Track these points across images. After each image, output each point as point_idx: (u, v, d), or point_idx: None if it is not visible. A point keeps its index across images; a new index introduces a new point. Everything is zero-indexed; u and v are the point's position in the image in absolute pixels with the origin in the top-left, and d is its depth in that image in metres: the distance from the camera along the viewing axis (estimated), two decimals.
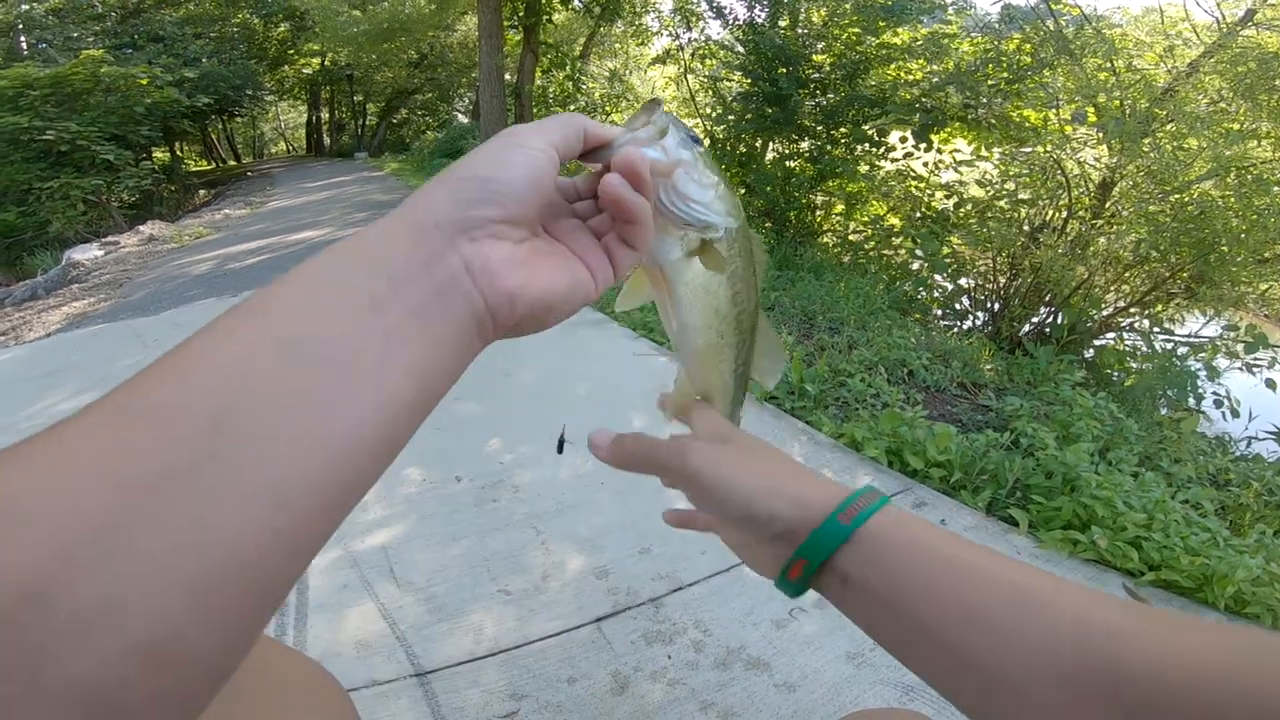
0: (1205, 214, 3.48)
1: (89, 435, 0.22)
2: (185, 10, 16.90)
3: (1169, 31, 4.43)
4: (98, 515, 0.20)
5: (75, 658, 0.19)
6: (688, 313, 0.41)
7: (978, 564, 0.37)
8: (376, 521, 1.75)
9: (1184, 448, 2.51)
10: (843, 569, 0.40)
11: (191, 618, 0.21)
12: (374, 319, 0.26)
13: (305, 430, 0.24)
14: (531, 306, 0.31)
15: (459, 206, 0.29)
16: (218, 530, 0.22)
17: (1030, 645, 0.33)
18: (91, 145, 9.43)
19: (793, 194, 5.37)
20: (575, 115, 0.35)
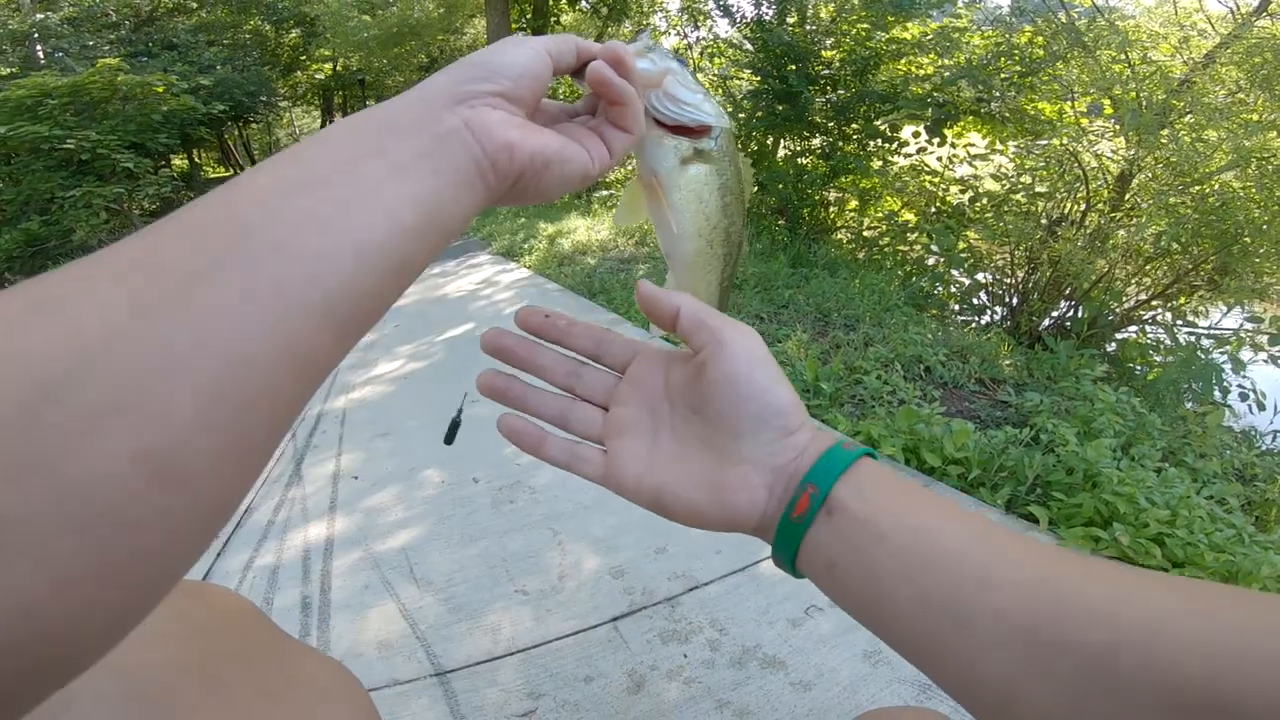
0: (1227, 205, 3.42)
1: (120, 249, 0.23)
2: (197, 18, 17.09)
3: (1183, 23, 4.35)
4: (118, 312, 0.21)
5: (83, 459, 0.19)
6: (681, 219, 0.43)
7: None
8: (396, 523, 1.76)
9: (1209, 442, 2.47)
10: (836, 500, 0.36)
11: (199, 426, 0.21)
12: (378, 158, 0.29)
13: (316, 245, 0.25)
14: (530, 157, 0.34)
15: (458, 84, 0.32)
16: (227, 333, 0.22)
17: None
18: (111, 153, 9.54)
19: (805, 191, 5.34)
20: (571, 35, 0.38)
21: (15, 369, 0.19)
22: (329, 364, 0.27)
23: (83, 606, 0.19)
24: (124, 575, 0.20)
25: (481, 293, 4.16)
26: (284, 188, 0.26)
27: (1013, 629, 0.29)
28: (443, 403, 2.48)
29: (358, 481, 1.99)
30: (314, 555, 1.65)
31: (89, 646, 0.21)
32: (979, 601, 0.31)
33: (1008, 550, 0.32)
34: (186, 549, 0.23)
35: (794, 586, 1.49)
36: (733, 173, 0.44)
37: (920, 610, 0.32)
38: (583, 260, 4.81)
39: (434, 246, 0.30)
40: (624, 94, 0.37)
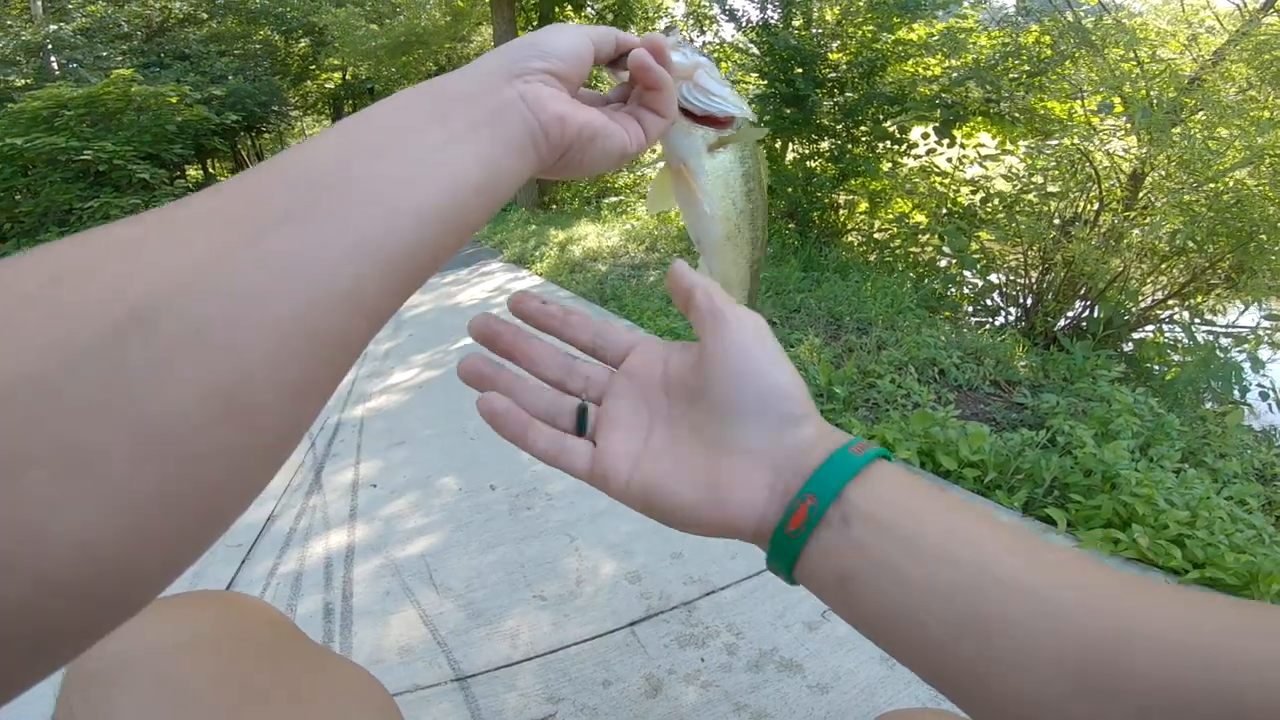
0: (1242, 203, 3.39)
1: (197, 200, 0.25)
2: (208, 28, 17.28)
3: (1190, 20, 4.32)
4: (199, 251, 0.22)
5: (161, 392, 0.20)
6: (712, 202, 0.45)
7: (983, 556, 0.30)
8: (415, 530, 1.78)
9: (1228, 442, 2.45)
10: (845, 509, 0.32)
11: (265, 361, 0.22)
12: (441, 125, 0.31)
13: (379, 198, 0.27)
14: (580, 129, 0.36)
15: (510, 61, 0.34)
16: (301, 277, 0.24)
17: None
18: (128, 164, 9.66)
19: (815, 194, 5.34)
20: (611, 27, 0.40)
21: (102, 301, 0.20)
22: (390, 309, 0.28)
23: (141, 539, 0.20)
24: (184, 508, 0.21)
25: (494, 301, 4.19)
26: (354, 148, 0.28)
27: (1074, 657, 0.26)
28: (456, 412, 2.51)
29: (376, 490, 2.01)
30: (335, 562, 1.67)
31: (144, 581, 0.21)
32: (1032, 625, 0.27)
33: (1059, 566, 0.29)
34: (247, 482, 0.23)
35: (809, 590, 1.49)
36: (754, 162, 0.47)
37: (957, 632, 0.28)
38: (593, 267, 4.84)
39: (492, 206, 0.33)
40: (662, 80, 0.39)
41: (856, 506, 0.32)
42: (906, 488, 0.33)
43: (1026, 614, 0.27)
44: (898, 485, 0.33)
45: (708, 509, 0.36)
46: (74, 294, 0.20)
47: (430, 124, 0.30)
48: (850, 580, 0.32)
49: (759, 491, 0.35)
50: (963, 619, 0.28)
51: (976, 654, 0.28)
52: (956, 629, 0.28)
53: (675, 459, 0.38)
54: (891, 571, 0.30)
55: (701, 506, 0.36)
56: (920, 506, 0.32)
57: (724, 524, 0.36)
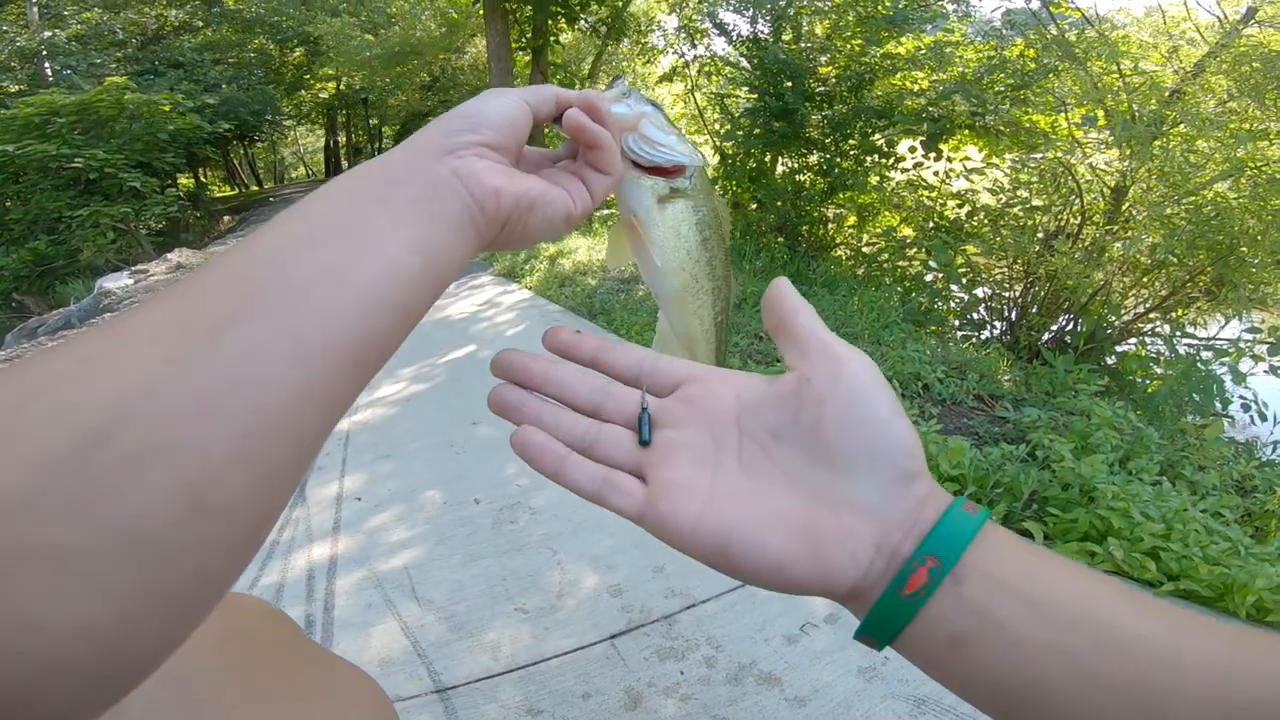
0: (1221, 216, 3.44)
1: (149, 309, 0.26)
2: (203, 36, 17.25)
3: (1172, 32, 4.39)
4: (154, 364, 0.23)
5: (132, 496, 0.21)
6: (662, 255, 0.44)
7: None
8: (399, 543, 1.79)
9: (1207, 455, 2.48)
10: (959, 569, 0.30)
11: (231, 460, 0.23)
12: (378, 208, 0.31)
13: (322, 295, 0.27)
14: (516, 200, 0.35)
15: (445, 136, 0.34)
16: (252, 378, 0.24)
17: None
18: (119, 173, 9.58)
19: (804, 208, 5.39)
20: (549, 84, 0.40)
21: (66, 417, 0.21)
22: (347, 400, 0.29)
23: (133, 625, 0.22)
24: (168, 596, 0.22)
25: (484, 314, 4.20)
26: (296, 243, 0.29)
27: (1210, 712, 0.25)
28: (444, 425, 2.51)
29: (361, 503, 2.01)
30: (318, 574, 1.68)
31: (139, 662, 0.23)
32: (1167, 681, 0.26)
33: (1180, 621, 0.28)
34: (223, 571, 0.25)
35: (789, 604, 1.50)
36: (709, 209, 0.45)
37: (1086, 692, 0.27)
38: (583, 281, 4.85)
39: (434, 290, 0.32)
40: (599, 138, 0.38)
41: (973, 567, 0.30)
42: (1018, 546, 0.31)
43: (1157, 675, 0.26)
44: (1009, 544, 0.31)
45: (804, 565, 0.32)
46: (41, 412, 0.21)
47: (370, 207, 0.31)
48: (964, 644, 0.29)
49: (864, 548, 0.31)
50: (1088, 681, 0.27)
51: (1102, 715, 0.27)
52: (1079, 692, 0.27)
53: (759, 504, 0.33)
54: (1010, 633, 0.28)
55: (797, 562, 0.32)
56: (1035, 566, 0.30)
57: (821, 581, 0.32)
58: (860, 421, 0.32)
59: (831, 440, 0.33)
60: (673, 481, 0.34)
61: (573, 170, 0.40)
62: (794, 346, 0.36)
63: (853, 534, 0.31)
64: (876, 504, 0.32)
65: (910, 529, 0.31)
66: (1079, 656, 0.27)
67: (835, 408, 0.33)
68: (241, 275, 0.27)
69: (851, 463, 0.32)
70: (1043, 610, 0.29)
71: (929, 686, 1.28)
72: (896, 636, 0.31)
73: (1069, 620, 0.28)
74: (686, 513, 0.33)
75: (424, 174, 0.33)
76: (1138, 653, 0.27)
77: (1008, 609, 0.29)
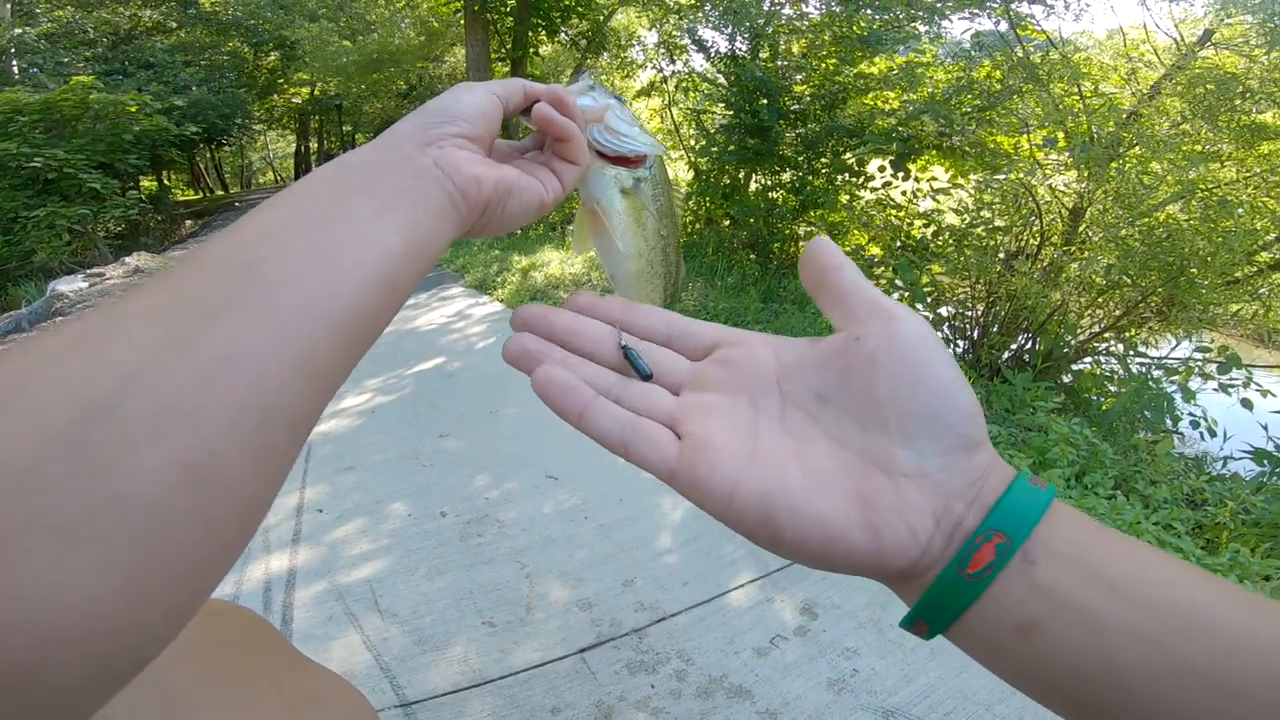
0: (1172, 237, 3.57)
1: (145, 292, 0.26)
2: (176, 37, 16.90)
3: (1131, 55, 4.56)
4: (151, 342, 0.24)
5: (131, 470, 0.21)
6: (624, 241, 0.46)
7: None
8: (361, 556, 1.75)
9: (1159, 469, 2.56)
10: (1030, 547, 0.28)
11: (229, 434, 0.24)
12: (364, 196, 0.32)
13: (315, 273, 0.28)
14: (495, 186, 0.36)
15: (422, 128, 0.35)
16: (248, 352, 0.25)
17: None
18: (78, 173, 9.32)
19: (776, 225, 5.46)
20: (517, 78, 0.41)
21: (64, 393, 0.21)
22: (341, 375, 0.29)
23: (139, 601, 0.22)
24: (173, 572, 0.22)
25: (453, 326, 4.16)
26: (286, 226, 0.29)
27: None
28: (411, 437, 2.48)
29: (322, 514, 1.97)
30: (275, 587, 1.63)
31: (146, 639, 0.23)
32: (1252, 667, 0.25)
33: (1260, 605, 0.26)
34: (226, 546, 0.25)
35: (759, 616, 1.51)
36: (666, 198, 0.48)
37: (1172, 679, 0.25)
38: (555, 294, 4.84)
39: (419, 270, 0.33)
40: (567, 130, 0.40)
41: (1046, 545, 0.27)
42: (1089, 524, 0.29)
43: (1243, 661, 0.25)
44: (1080, 521, 0.29)
45: (859, 536, 0.29)
46: (38, 389, 0.22)
47: (356, 195, 0.32)
48: (1034, 630, 0.27)
49: (925, 523, 0.29)
50: (1174, 668, 0.25)
51: (1182, 704, 0.25)
52: (1165, 680, 0.25)
53: (807, 466, 0.30)
54: (1090, 618, 0.26)
55: (851, 531, 0.29)
56: (1111, 546, 0.28)
57: (873, 557, 0.29)
58: (918, 383, 0.30)
59: (885, 403, 0.30)
60: (710, 439, 0.32)
61: (542, 161, 0.42)
62: (838, 305, 0.33)
63: (912, 505, 0.29)
64: (936, 473, 0.29)
65: (972, 502, 0.29)
66: (1164, 643, 0.25)
67: (889, 369, 0.30)
68: (234, 255, 0.28)
69: (909, 428, 0.29)
70: (1124, 593, 0.26)
71: (898, 698, 1.29)
72: (955, 622, 0.28)
73: (1152, 604, 0.26)
74: (725, 472, 0.30)
75: (407, 164, 0.34)
76: (1223, 638, 0.25)
77: (1087, 592, 0.27)
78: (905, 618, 0.30)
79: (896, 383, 0.30)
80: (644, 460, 0.32)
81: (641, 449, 0.32)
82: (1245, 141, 3.82)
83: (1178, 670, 0.25)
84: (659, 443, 0.32)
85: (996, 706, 1.27)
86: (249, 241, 0.28)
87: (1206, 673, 0.25)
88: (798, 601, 1.55)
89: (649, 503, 1.96)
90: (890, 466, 0.29)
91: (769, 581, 1.62)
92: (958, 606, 0.28)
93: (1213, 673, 0.25)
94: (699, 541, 1.78)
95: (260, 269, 0.27)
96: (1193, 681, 0.25)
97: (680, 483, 0.32)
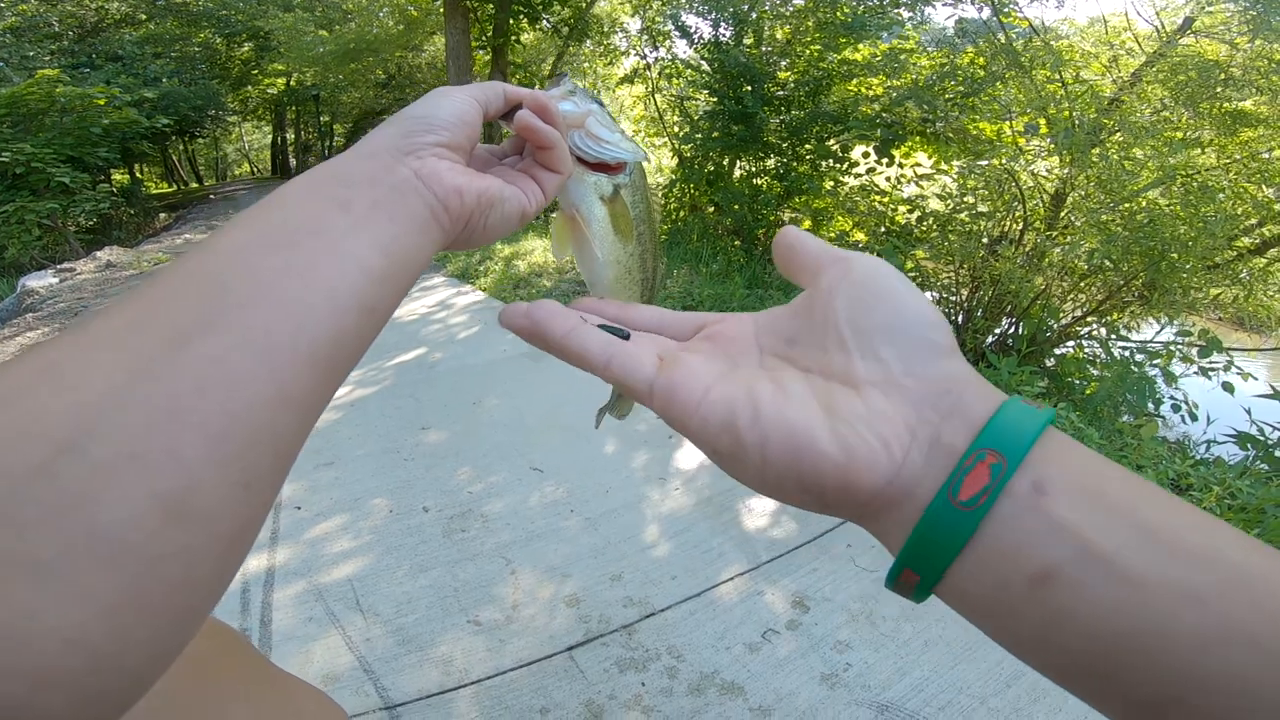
0: (1154, 222, 3.59)
1: (113, 313, 0.25)
2: (145, 29, 16.54)
3: (1112, 42, 4.58)
4: (120, 372, 0.23)
5: (107, 505, 0.21)
6: (603, 248, 0.46)
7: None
8: (342, 554, 1.71)
9: (1145, 454, 2.57)
10: (1039, 475, 0.24)
11: (207, 466, 0.23)
12: (341, 211, 0.30)
13: (289, 293, 0.27)
14: (478, 197, 0.35)
15: (401, 137, 0.34)
16: (223, 382, 0.24)
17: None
18: (47, 168, 9.15)
19: (760, 211, 5.43)
20: (497, 81, 0.40)
21: (31, 429, 0.21)
22: (321, 401, 0.28)
23: (123, 636, 0.21)
24: (157, 605, 0.22)
25: (435, 316, 4.09)
26: (259, 243, 0.28)
27: None
28: (391, 431, 2.42)
29: (300, 512, 1.92)
30: (253, 587, 1.58)
31: (132, 675, 0.22)
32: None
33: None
34: (210, 579, 0.24)
35: (750, 610, 1.48)
36: (645, 204, 0.48)
37: (1219, 646, 0.21)
38: (539, 282, 4.79)
39: (401, 287, 0.32)
40: (550, 139, 0.39)
41: (1059, 474, 0.23)
42: (1101, 459, 0.25)
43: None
44: (1093, 456, 0.25)
45: (826, 443, 0.26)
46: (4, 426, 0.21)
47: (332, 210, 0.30)
48: (1051, 581, 0.22)
49: (896, 431, 0.26)
50: (1221, 632, 0.21)
51: (1233, 671, 0.21)
52: (1212, 646, 0.21)
53: (776, 383, 0.29)
54: (1119, 569, 0.22)
55: (818, 438, 0.26)
56: (1133, 484, 0.24)
57: (842, 470, 0.25)
58: (873, 298, 0.29)
59: (846, 326, 0.29)
60: (687, 360, 0.32)
61: (523, 168, 0.41)
62: (805, 271, 0.34)
63: (880, 413, 0.26)
64: (901, 378, 0.27)
65: (950, 413, 0.25)
66: (1210, 602, 0.21)
67: (846, 295, 0.30)
68: (205, 276, 0.26)
69: (869, 341, 0.28)
70: (1162, 541, 0.22)
71: (892, 692, 1.27)
72: (949, 568, 0.24)
73: (1191, 555, 0.22)
74: (697, 382, 0.30)
75: (385, 175, 0.33)
76: (1270, 599, 0.21)
77: (1114, 536, 0.22)
78: (891, 568, 0.26)
79: (854, 305, 0.30)
80: (623, 372, 0.32)
81: (623, 362, 0.32)
82: (1226, 128, 3.85)
83: (1231, 637, 0.21)
84: (640, 359, 0.33)
85: (992, 699, 1.26)
86: (220, 260, 0.27)
87: (1262, 641, 0.21)
88: (789, 594, 1.53)
89: (636, 494, 1.93)
90: (853, 379, 0.28)
91: (759, 574, 1.60)
92: (952, 546, 0.24)
93: (1267, 641, 0.20)
94: (687, 534, 1.75)
95: (231, 290, 0.26)
96: (1248, 651, 0.21)
97: (656, 396, 0.31)
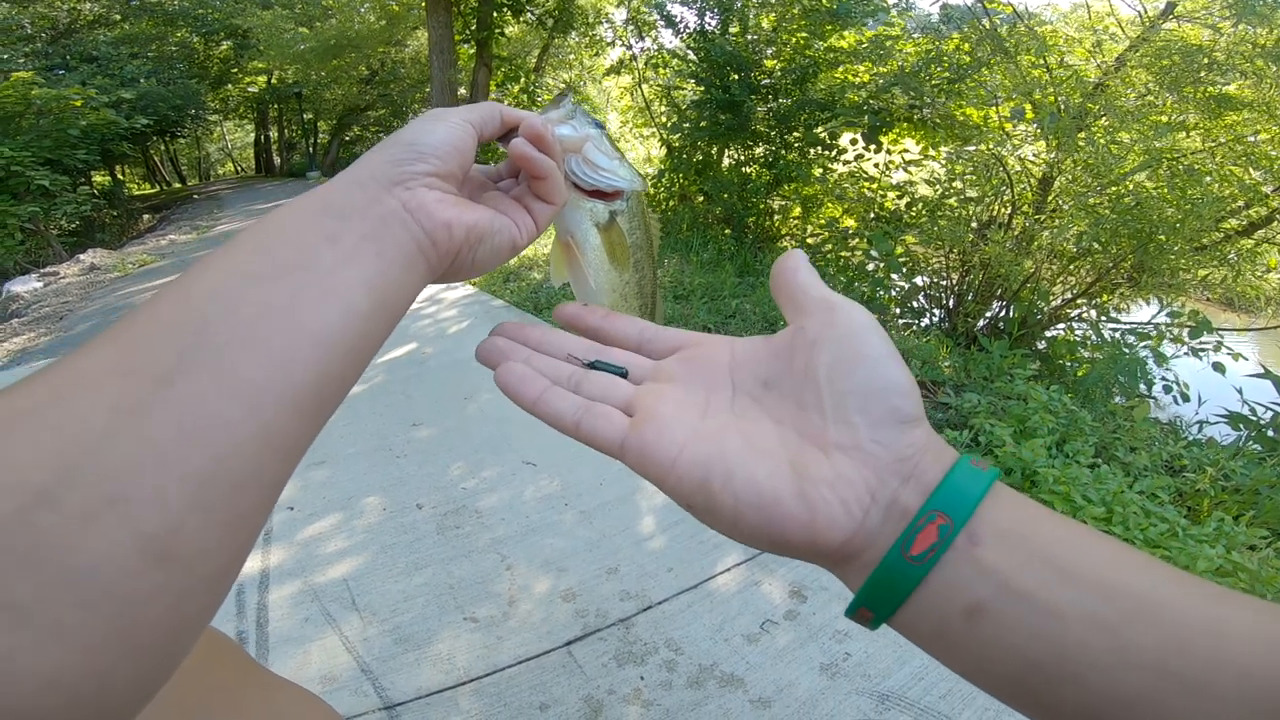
0: (1141, 205, 3.60)
1: (92, 353, 0.24)
2: (120, 30, 16.31)
3: (1096, 27, 4.59)
4: (99, 416, 0.22)
5: (87, 550, 0.20)
6: (596, 276, 0.45)
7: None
8: (336, 553, 1.69)
9: (1138, 435, 2.58)
10: (975, 528, 0.27)
11: (191, 509, 0.23)
12: (329, 246, 0.30)
13: (277, 336, 0.26)
14: (467, 232, 0.34)
15: (392, 165, 0.33)
16: (206, 425, 0.24)
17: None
18: (26, 171, 9.03)
19: (750, 200, 5.43)
20: (493, 102, 0.39)
21: (7, 479, 0.20)
22: (305, 441, 0.28)
23: (105, 676, 0.21)
24: (136, 646, 0.22)
25: (424, 310, 4.06)
26: (240, 281, 0.27)
27: (1261, 689, 0.23)
28: (382, 428, 2.40)
29: (294, 512, 1.90)
30: (248, 589, 1.57)
31: (112, 714, 0.22)
32: (1209, 655, 0.23)
33: (1215, 593, 0.25)
34: (192, 619, 0.24)
35: (747, 600, 1.48)
36: (642, 232, 0.46)
37: (1125, 669, 0.24)
38: (529, 275, 4.76)
39: (386, 327, 0.31)
40: (545, 169, 0.38)
41: (991, 526, 0.27)
42: (1034, 507, 0.28)
43: (1199, 649, 0.24)
44: (1024, 504, 0.28)
45: (792, 503, 0.29)
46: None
47: (317, 243, 0.29)
48: (981, 615, 0.26)
49: (858, 495, 0.28)
50: (1128, 657, 0.24)
51: (1142, 692, 0.24)
52: (1119, 669, 0.24)
53: (748, 439, 0.31)
54: (1038, 603, 0.25)
55: (785, 499, 0.29)
56: (1058, 529, 0.27)
57: (806, 528, 0.28)
58: (852, 360, 0.31)
59: (824, 383, 0.31)
60: (660, 413, 0.33)
61: (516, 196, 0.40)
62: (792, 304, 0.35)
63: (845, 478, 0.29)
64: (868, 445, 0.29)
65: (908, 479, 0.28)
66: (1116, 629, 0.24)
67: (827, 350, 0.31)
68: (186, 315, 0.26)
69: (843, 404, 0.30)
70: (1073, 577, 0.25)
71: (891, 681, 1.27)
72: (899, 608, 0.28)
73: (1103, 589, 0.25)
74: (670, 442, 0.32)
75: (373, 207, 0.32)
76: (1179, 627, 0.24)
77: (1034, 575, 0.26)
78: (850, 605, 0.29)
79: (834, 362, 0.31)
80: (594, 433, 0.34)
81: (593, 424, 0.34)
82: (1211, 112, 3.86)
83: (1136, 661, 0.24)
84: (610, 418, 0.34)
85: None
86: (203, 298, 0.26)
87: (1167, 665, 0.23)
88: (786, 584, 1.53)
89: (630, 486, 1.93)
90: (824, 441, 0.30)
91: (755, 564, 1.60)
92: (902, 591, 0.27)
93: (1173, 665, 0.23)
94: (683, 525, 1.74)
95: (213, 330, 0.25)
96: (1153, 675, 0.24)
97: (629, 454, 0.33)
